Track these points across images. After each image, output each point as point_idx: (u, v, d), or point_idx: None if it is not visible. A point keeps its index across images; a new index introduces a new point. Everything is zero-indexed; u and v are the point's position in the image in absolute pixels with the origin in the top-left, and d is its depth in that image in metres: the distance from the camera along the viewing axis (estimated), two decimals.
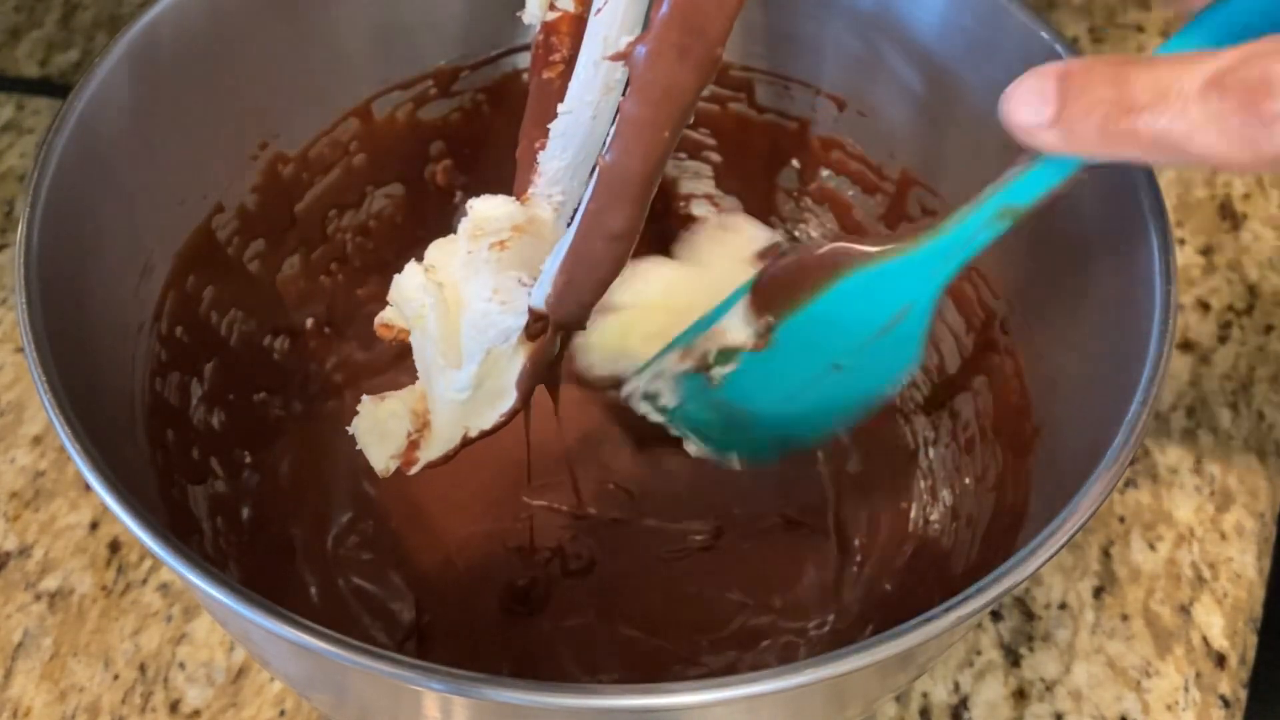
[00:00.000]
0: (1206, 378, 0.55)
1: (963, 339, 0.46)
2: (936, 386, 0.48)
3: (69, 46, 0.65)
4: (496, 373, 0.40)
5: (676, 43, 0.31)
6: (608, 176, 0.34)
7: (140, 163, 0.41)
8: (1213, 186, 0.61)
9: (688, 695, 0.29)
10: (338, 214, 0.50)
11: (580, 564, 0.48)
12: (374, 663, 0.29)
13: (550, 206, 0.37)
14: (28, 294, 0.35)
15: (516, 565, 0.48)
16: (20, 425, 0.52)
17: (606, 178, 0.34)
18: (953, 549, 0.44)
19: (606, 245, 0.35)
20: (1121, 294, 0.38)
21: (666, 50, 0.32)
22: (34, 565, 0.49)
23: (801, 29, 0.47)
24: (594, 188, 0.34)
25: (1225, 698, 0.47)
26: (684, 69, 0.32)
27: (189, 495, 0.43)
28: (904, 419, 0.49)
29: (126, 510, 0.31)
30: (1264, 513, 0.51)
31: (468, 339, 0.38)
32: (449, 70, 0.49)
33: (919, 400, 0.49)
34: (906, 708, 0.46)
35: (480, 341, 0.38)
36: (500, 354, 0.39)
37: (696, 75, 0.32)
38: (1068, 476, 0.34)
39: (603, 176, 0.34)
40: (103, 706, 0.46)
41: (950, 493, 0.46)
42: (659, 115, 0.32)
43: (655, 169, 0.34)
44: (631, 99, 0.33)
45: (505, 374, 0.40)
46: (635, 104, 0.32)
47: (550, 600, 0.47)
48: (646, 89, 0.32)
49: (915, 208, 0.47)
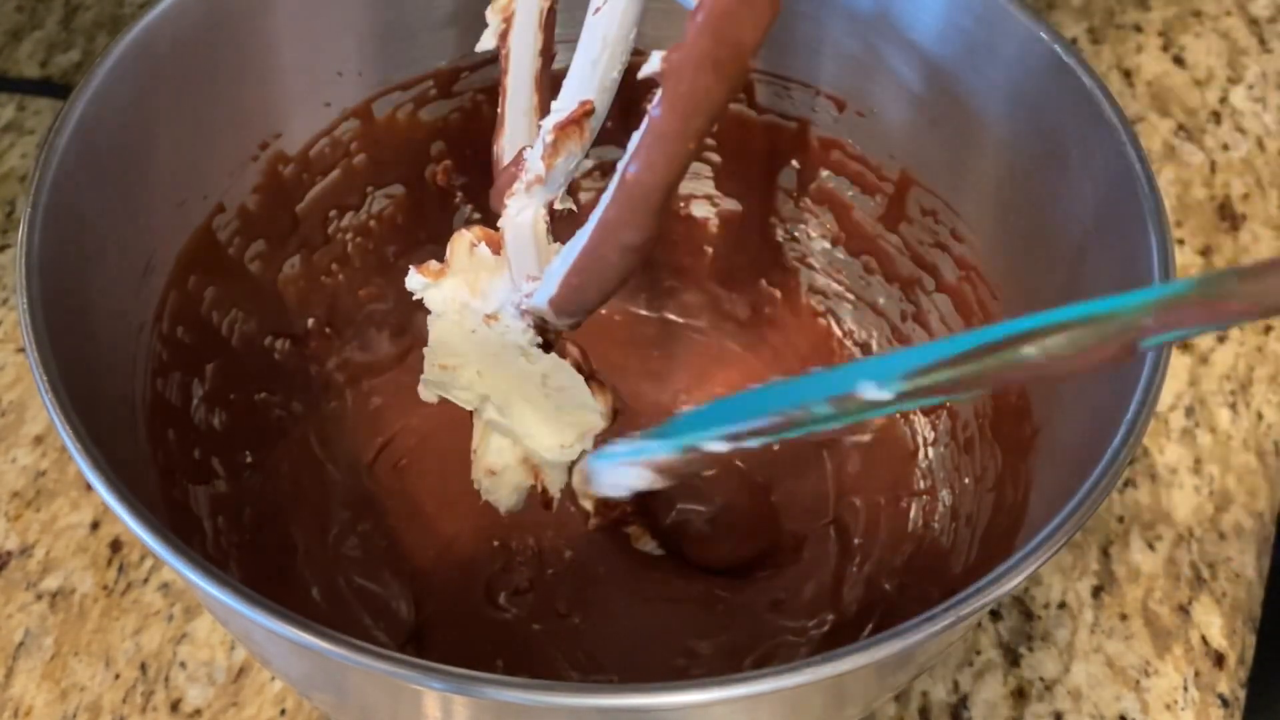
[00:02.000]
0: (1205, 378, 0.55)
1: None
2: None
3: (70, 47, 0.65)
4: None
5: (710, 53, 0.31)
6: (630, 188, 0.33)
7: (141, 163, 0.41)
8: (1212, 187, 0.61)
9: (688, 695, 0.29)
10: (338, 214, 0.50)
11: (577, 562, 0.48)
12: (374, 662, 0.29)
13: (533, 210, 0.37)
14: (29, 294, 0.35)
15: (516, 564, 0.48)
16: (22, 425, 0.52)
17: (628, 189, 0.33)
18: (952, 549, 0.44)
19: (621, 256, 0.34)
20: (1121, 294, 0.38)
21: (701, 61, 0.31)
22: (35, 565, 0.49)
23: (800, 29, 0.47)
24: (612, 197, 0.34)
25: (1224, 697, 0.47)
26: (716, 80, 0.31)
27: (190, 495, 0.43)
28: (903, 419, 0.50)
29: (127, 510, 0.32)
30: (1263, 512, 0.52)
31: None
32: (449, 70, 0.49)
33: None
34: (906, 707, 0.46)
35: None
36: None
37: (727, 86, 0.32)
38: (1067, 476, 0.34)
39: (624, 188, 0.33)
40: (104, 706, 0.46)
41: (950, 493, 0.46)
42: (687, 127, 0.32)
43: (677, 180, 0.33)
44: (661, 111, 0.32)
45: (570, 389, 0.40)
46: (665, 116, 0.32)
47: (546, 598, 0.48)
48: (678, 101, 0.31)
49: (915, 208, 0.48)
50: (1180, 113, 0.64)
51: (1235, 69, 0.66)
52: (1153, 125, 0.63)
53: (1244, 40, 0.67)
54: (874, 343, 0.51)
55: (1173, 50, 0.66)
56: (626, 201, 0.33)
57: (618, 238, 0.34)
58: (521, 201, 0.38)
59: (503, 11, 0.40)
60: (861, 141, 0.48)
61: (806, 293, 0.53)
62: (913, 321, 0.49)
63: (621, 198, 0.33)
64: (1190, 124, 0.63)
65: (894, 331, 0.50)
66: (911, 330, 0.49)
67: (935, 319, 0.48)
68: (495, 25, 0.40)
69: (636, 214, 0.34)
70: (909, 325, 0.49)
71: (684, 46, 0.31)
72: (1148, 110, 0.64)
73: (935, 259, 0.47)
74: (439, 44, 0.48)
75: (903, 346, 0.50)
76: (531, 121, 0.40)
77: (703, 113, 0.32)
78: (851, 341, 0.52)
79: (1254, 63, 0.66)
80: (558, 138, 0.36)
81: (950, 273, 0.47)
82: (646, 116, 0.32)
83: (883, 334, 0.51)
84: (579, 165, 0.37)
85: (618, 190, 0.33)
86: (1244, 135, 0.63)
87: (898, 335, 0.50)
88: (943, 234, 0.47)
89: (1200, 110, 0.64)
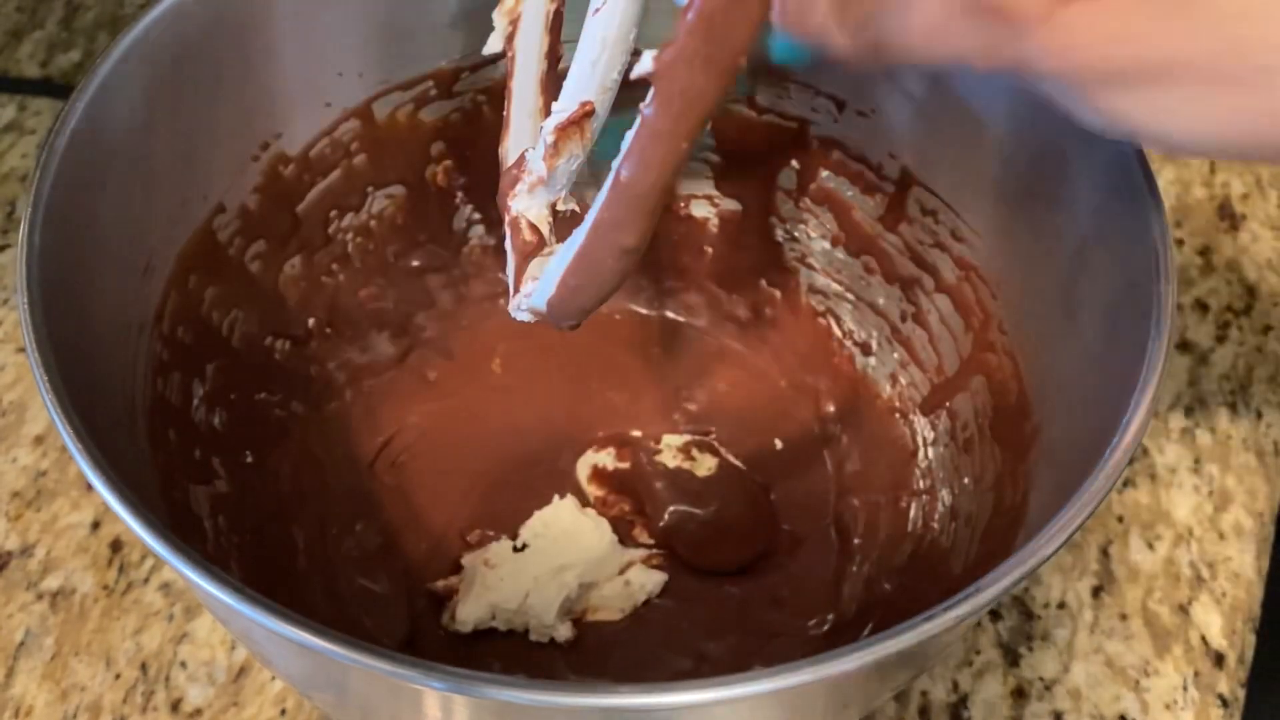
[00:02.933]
0: (1205, 378, 0.55)
1: (961, 340, 0.46)
2: (935, 387, 0.48)
3: (70, 47, 0.65)
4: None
5: (701, 51, 0.31)
6: (623, 189, 0.33)
7: (142, 163, 0.41)
8: (1211, 187, 0.61)
9: (688, 695, 0.29)
10: (339, 215, 0.50)
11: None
12: (374, 662, 0.29)
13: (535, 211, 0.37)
14: (30, 294, 0.35)
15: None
16: (22, 425, 0.52)
17: (622, 190, 0.33)
18: (952, 548, 0.44)
19: (617, 259, 0.34)
20: (1120, 294, 0.38)
21: (691, 59, 0.31)
22: (36, 565, 0.49)
23: None
24: (606, 198, 0.34)
25: (1224, 697, 0.47)
26: (708, 78, 0.31)
27: (190, 495, 0.43)
28: (903, 419, 0.50)
29: (128, 510, 0.32)
30: (1262, 512, 0.52)
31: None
32: (449, 71, 0.49)
33: (918, 400, 0.49)
34: (906, 707, 0.46)
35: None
36: None
37: (719, 84, 0.32)
38: (1066, 476, 0.34)
39: (617, 189, 0.33)
40: (104, 706, 0.46)
41: (949, 492, 0.46)
42: (679, 126, 0.32)
43: (671, 181, 0.33)
44: (654, 110, 0.32)
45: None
46: (657, 115, 0.32)
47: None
48: (670, 100, 0.32)
49: (915, 208, 0.48)
50: None
51: None
52: None
53: None
54: (874, 343, 0.51)
55: None
56: (620, 202, 0.33)
57: (613, 239, 0.34)
58: (524, 203, 0.38)
59: (509, 15, 0.40)
60: (862, 141, 0.48)
61: (806, 292, 0.53)
62: (912, 321, 0.49)
63: (615, 199, 0.33)
64: None
65: (894, 331, 0.50)
66: (911, 330, 0.49)
67: (935, 319, 0.48)
68: (502, 28, 0.40)
69: (631, 215, 0.33)
70: (909, 325, 0.49)
71: (674, 45, 0.31)
72: None
73: (935, 259, 0.47)
74: (439, 44, 0.48)
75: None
76: (537, 124, 0.40)
77: (695, 111, 0.32)
78: (851, 341, 0.52)
79: None
80: (558, 139, 0.36)
81: (950, 273, 0.47)
82: (639, 116, 0.32)
83: (883, 334, 0.51)
84: (581, 166, 0.37)
85: (611, 192, 0.33)
86: None
87: (897, 335, 0.50)
88: (943, 234, 0.47)
89: None
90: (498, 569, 0.46)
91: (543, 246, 0.38)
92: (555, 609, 0.45)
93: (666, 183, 0.33)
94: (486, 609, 0.45)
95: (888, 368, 0.51)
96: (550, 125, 0.36)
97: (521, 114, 0.40)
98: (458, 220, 0.53)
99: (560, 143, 0.36)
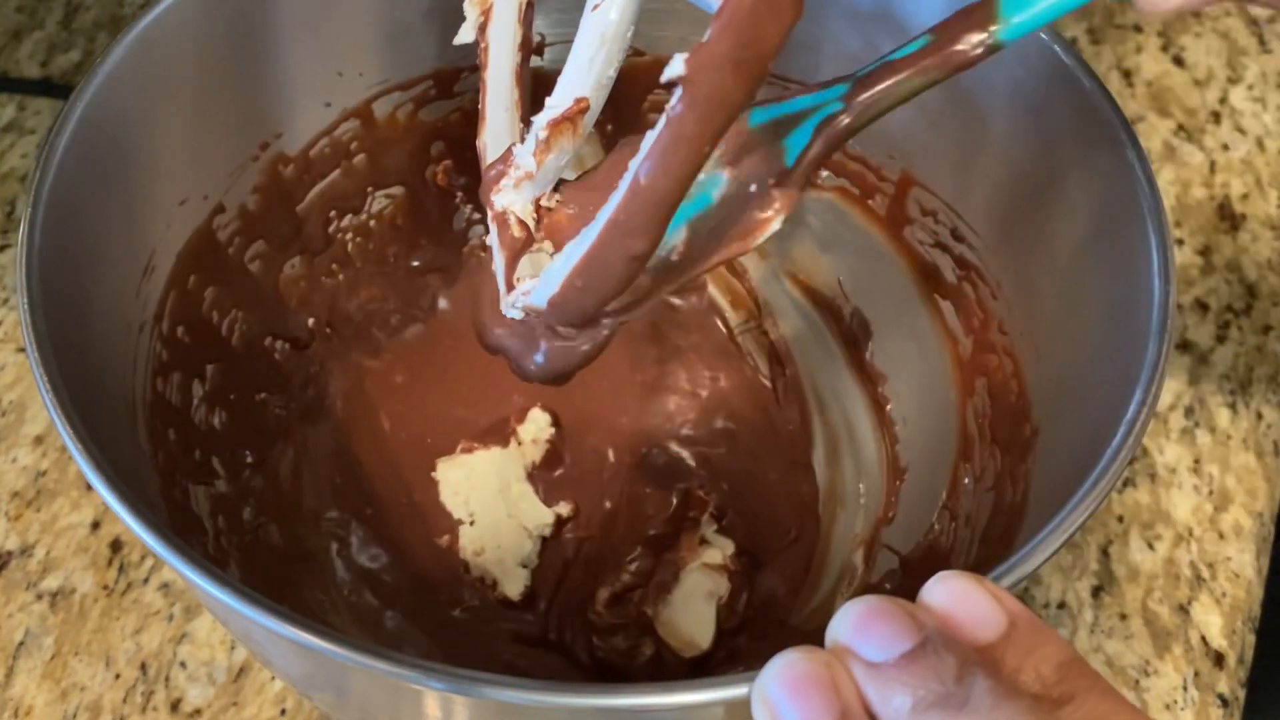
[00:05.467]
0: (1205, 378, 0.55)
1: (961, 340, 0.46)
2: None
3: (70, 47, 0.65)
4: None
5: (731, 54, 0.30)
6: (642, 192, 0.32)
7: (141, 163, 0.41)
8: (1211, 187, 0.61)
9: (688, 695, 0.29)
10: (339, 215, 0.50)
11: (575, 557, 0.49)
12: (374, 662, 0.29)
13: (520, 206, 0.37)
14: (29, 294, 0.35)
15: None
16: (22, 425, 0.52)
17: (640, 193, 0.32)
18: (952, 549, 0.44)
19: (626, 263, 0.34)
20: (1120, 294, 0.38)
21: (721, 62, 0.30)
22: (35, 565, 0.49)
23: (800, 28, 0.47)
24: (623, 200, 0.33)
25: (1224, 697, 0.47)
26: (737, 81, 0.31)
27: (190, 495, 0.43)
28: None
29: (128, 509, 0.32)
30: (1262, 512, 0.52)
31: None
32: (449, 71, 0.49)
33: None
34: None
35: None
36: None
37: (747, 88, 0.31)
38: (1066, 476, 0.34)
39: (634, 192, 0.32)
40: (104, 705, 0.46)
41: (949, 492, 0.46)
42: (705, 129, 0.31)
43: (688, 185, 0.32)
44: (681, 112, 0.31)
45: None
46: (684, 117, 0.31)
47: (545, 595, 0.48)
48: (698, 102, 0.31)
49: (915, 208, 0.48)
50: (1180, 113, 0.64)
51: (1235, 69, 0.66)
52: (1152, 125, 0.63)
53: (1243, 40, 0.67)
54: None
55: (1172, 50, 0.66)
56: (637, 204, 0.32)
57: (625, 246, 0.33)
58: (509, 197, 0.37)
59: (480, 4, 0.39)
60: (861, 141, 0.48)
61: None
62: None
63: (632, 201, 0.32)
64: (1190, 124, 0.63)
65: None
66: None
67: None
68: (473, 18, 0.39)
69: (645, 219, 0.33)
70: None
71: (705, 47, 0.30)
72: (1147, 110, 0.64)
73: (935, 259, 0.47)
74: (439, 44, 0.48)
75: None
76: (513, 117, 0.39)
77: (722, 114, 0.31)
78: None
79: (1253, 63, 0.66)
80: (551, 134, 0.36)
81: (950, 273, 0.47)
82: (663, 117, 0.31)
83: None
84: (569, 162, 0.37)
85: (629, 193, 0.32)
86: (1243, 135, 0.63)
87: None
88: (943, 234, 0.47)
89: (1200, 110, 0.64)
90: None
91: (531, 242, 0.37)
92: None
93: (684, 188, 0.32)
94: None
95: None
96: (542, 120, 0.36)
97: (497, 107, 0.39)
98: (458, 220, 0.53)
99: (552, 138, 0.36)
